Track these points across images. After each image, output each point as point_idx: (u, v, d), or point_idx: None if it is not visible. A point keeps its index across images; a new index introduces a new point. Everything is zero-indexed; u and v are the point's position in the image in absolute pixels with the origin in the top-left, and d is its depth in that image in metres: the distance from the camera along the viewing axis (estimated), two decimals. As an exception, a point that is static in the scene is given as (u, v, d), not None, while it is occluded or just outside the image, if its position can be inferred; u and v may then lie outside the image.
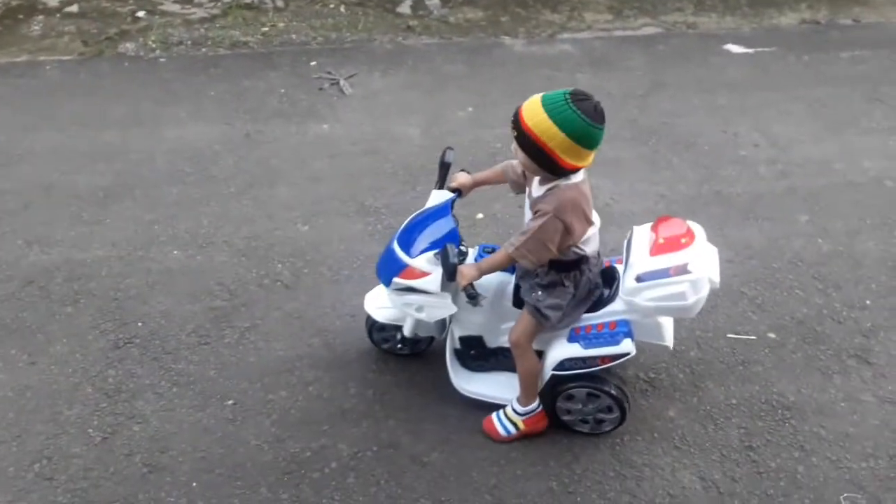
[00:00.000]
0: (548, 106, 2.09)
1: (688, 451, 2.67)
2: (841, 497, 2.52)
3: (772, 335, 3.14)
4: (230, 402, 2.85)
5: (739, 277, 3.39)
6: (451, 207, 2.55)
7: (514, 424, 2.65)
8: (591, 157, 2.18)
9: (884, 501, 2.51)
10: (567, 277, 2.40)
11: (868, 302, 3.31)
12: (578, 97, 2.08)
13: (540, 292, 2.42)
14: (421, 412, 2.80)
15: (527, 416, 2.64)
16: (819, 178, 4.13)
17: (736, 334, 3.14)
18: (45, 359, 3.02)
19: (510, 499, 2.52)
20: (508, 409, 2.66)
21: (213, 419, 2.79)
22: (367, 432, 2.74)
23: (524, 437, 2.67)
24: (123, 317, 3.22)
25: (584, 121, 2.06)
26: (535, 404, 2.62)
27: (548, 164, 2.16)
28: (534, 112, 2.10)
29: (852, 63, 5.34)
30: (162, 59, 5.38)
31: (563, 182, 2.23)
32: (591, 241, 2.39)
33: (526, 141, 2.14)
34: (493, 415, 2.70)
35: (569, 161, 2.13)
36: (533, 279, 2.44)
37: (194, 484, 2.57)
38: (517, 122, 2.14)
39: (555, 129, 2.07)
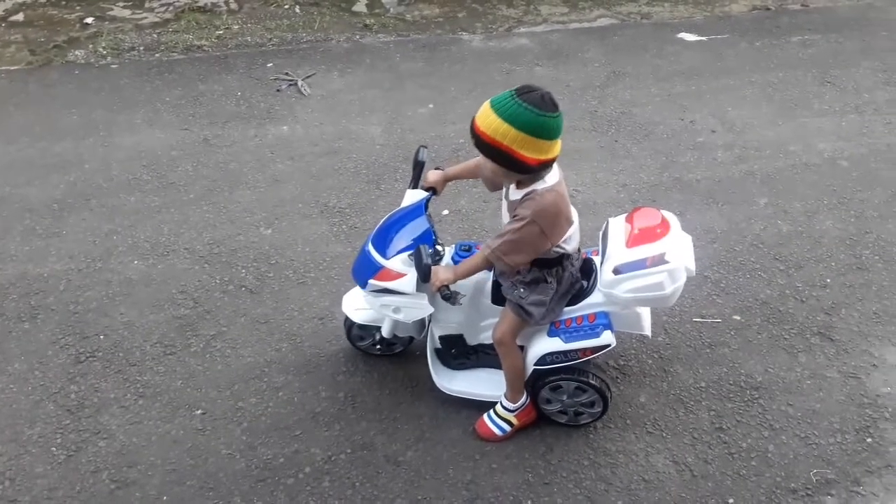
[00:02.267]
0: (496, 107, 2.09)
1: (660, 436, 2.70)
2: (811, 473, 2.57)
3: (737, 317, 3.19)
4: (199, 411, 2.80)
5: (702, 261, 3.41)
6: (426, 207, 2.53)
7: (508, 421, 2.65)
8: (555, 147, 2.15)
9: (852, 475, 2.56)
10: (550, 274, 2.40)
11: (828, 280, 3.38)
12: (523, 91, 2.08)
13: (522, 289, 2.41)
14: (393, 412, 2.78)
15: (518, 411, 2.64)
16: (776, 161, 4.20)
17: (702, 318, 3.18)
18: (3, 378, 2.93)
19: (487, 493, 2.52)
20: (499, 408, 2.65)
21: (181, 430, 2.73)
22: (340, 435, 2.71)
23: (518, 432, 2.67)
24: (84, 330, 3.14)
25: (532, 112, 2.05)
26: (523, 398, 2.63)
27: (513, 164, 2.13)
28: (485, 116, 2.10)
29: (803, 47, 5.45)
30: (114, 66, 5.25)
31: (539, 186, 2.22)
32: (571, 239, 2.38)
33: (484, 146, 2.13)
34: (485, 417, 2.69)
35: (531, 156, 2.11)
36: (514, 276, 2.42)
37: (165, 497, 2.51)
38: (473, 131, 2.14)
39: (505, 126, 2.06)
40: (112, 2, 6.14)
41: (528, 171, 2.17)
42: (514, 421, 2.65)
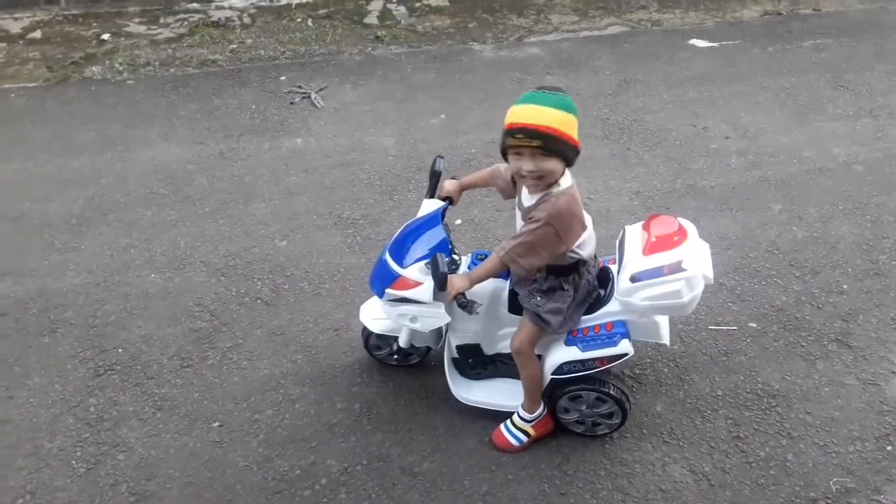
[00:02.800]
0: (543, 102, 2.10)
1: (677, 445, 2.68)
2: (830, 482, 2.54)
3: (753, 324, 3.17)
4: (216, 424, 2.82)
5: (718, 269, 3.36)
6: (443, 216, 2.54)
7: (525, 432, 2.64)
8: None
9: (873, 483, 2.53)
10: (566, 281, 2.40)
11: (845, 286, 3.35)
12: (544, 87, 2.16)
13: (539, 298, 2.41)
14: (409, 423, 2.79)
15: (535, 422, 2.63)
16: (790, 167, 4.18)
17: (717, 325, 3.16)
18: (22, 392, 2.97)
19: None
20: (516, 419, 2.65)
21: (199, 442, 2.75)
22: (356, 446, 2.71)
23: (535, 442, 2.67)
24: (102, 344, 3.17)
25: (566, 96, 2.15)
26: (541, 409, 2.62)
27: (569, 152, 2.17)
28: (539, 114, 2.09)
29: (815, 51, 5.43)
30: (130, 82, 5.33)
31: (554, 189, 2.23)
32: (587, 245, 2.38)
33: (554, 143, 2.11)
34: (502, 427, 2.68)
35: (576, 136, 2.16)
36: (531, 285, 2.43)
37: (183, 510, 2.53)
38: (536, 133, 2.09)
39: (542, 109, 2.09)
40: (128, 18, 6.23)
41: (574, 158, 2.21)
42: (532, 431, 2.64)
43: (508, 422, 2.67)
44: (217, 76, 5.37)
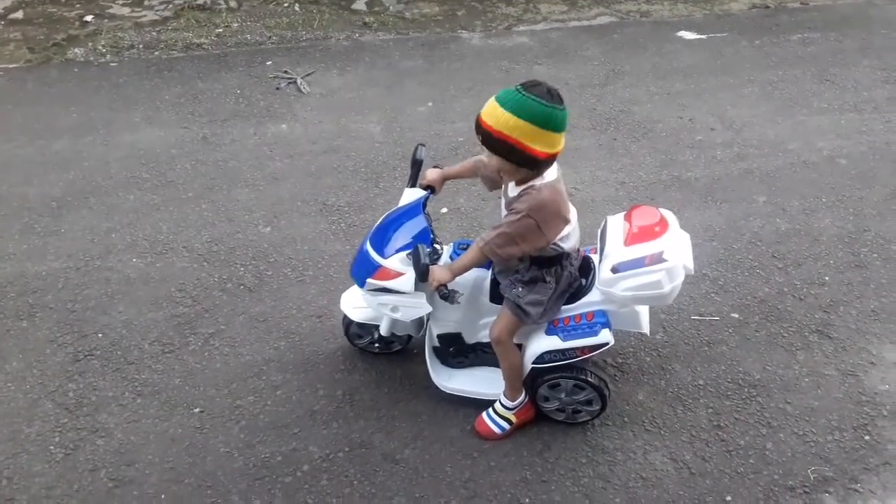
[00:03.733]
0: (502, 101, 2.09)
1: (658, 434, 2.70)
2: (809, 470, 2.57)
3: (735, 315, 3.18)
4: (197, 409, 2.80)
5: (701, 259, 3.41)
6: (424, 206, 2.53)
7: (507, 419, 2.65)
8: (561, 141, 2.16)
9: (850, 472, 2.56)
10: (548, 273, 2.40)
11: (827, 278, 3.37)
12: (529, 85, 2.09)
13: (521, 288, 2.40)
14: (391, 410, 2.78)
15: (516, 409, 2.64)
16: (775, 159, 4.20)
17: (700, 315, 3.18)
18: (0, 376, 2.93)
19: (485, 491, 2.51)
20: (498, 406, 2.65)
21: (179, 428, 2.73)
22: (338, 433, 2.71)
23: (517, 430, 2.67)
24: (82, 328, 3.14)
25: (540, 103, 2.06)
26: (522, 396, 2.63)
27: (521, 158, 2.13)
28: (491, 111, 2.10)
29: (802, 45, 5.45)
30: (113, 64, 5.25)
31: (537, 182, 2.22)
32: (570, 238, 2.38)
33: (492, 141, 2.12)
34: (484, 415, 2.68)
35: (540, 149, 2.10)
36: (513, 275, 2.42)
37: (163, 496, 2.51)
38: (479, 127, 2.13)
39: (514, 119, 2.06)
40: (111, 0, 6.14)
41: (537, 165, 2.17)
42: (513, 419, 2.65)
43: (491, 410, 2.67)
44: (202, 60, 5.31)
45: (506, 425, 2.65)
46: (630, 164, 4.17)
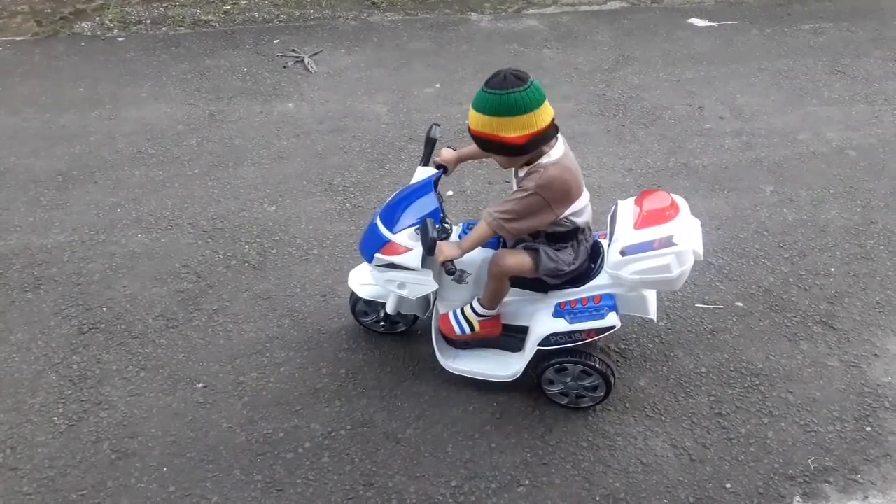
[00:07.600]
0: (473, 102, 2.17)
1: (659, 420, 2.70)
2: (809, 460, 2.57)
3: (739, 304, 3.18)
4: (200, 385, 2.81)
5: (707, 248, 3.37)
6: (436, 184, 2.52)
7: (470, 324, 2.62)
8: (539, 118, 2.14)
9: (850, 463, 2.56)
10: (566, 248, 2.42)
11: (832, 269, 3.36)
12: (489, 79, 2.14)
13: (547, 244, 2.42)
14: (394, 389, 2.79)
15: (484, 319, 2.62)
16: (783, 149, 4.18)
17: (704, 304, 3.17)
18: (5, 347, 2.94)
19: (485, 472, 2.52)
20: (467, 309, 2.62)
21: (182, 403, 2.75)
22: (340, 411, 2.72)
23: (475, 340, 2.66)
24: (87, 302, 3.14)
25: (494, 95, 2.10)
26: (493, 311, 2.61)
27: (504, 149, 2.19)
28: (470, 114, 2.19)
29: (814, 35, 5.40)
30: (120, 39, 5.23)
31: (543, 160, 2.23)
32: (583, 213, 2.38)
33: (476, 140, 2.23)
34: (451, 313, 2.66)
35: (515, 135, 2.13)
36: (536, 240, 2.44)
37: (165, 469, 2.53)
38: (472, 137, 2.24)
39: (480, 116, 2.15)
40: (119, -26, 6.09)
41: (524, 150, 2.19)
42: (477, 327, 2.62)
43: (458, 310, 2.65)
44: (210, 37, 5.28)
45: (468, 329, 2.62)
46: (638, 151, 4.15)
